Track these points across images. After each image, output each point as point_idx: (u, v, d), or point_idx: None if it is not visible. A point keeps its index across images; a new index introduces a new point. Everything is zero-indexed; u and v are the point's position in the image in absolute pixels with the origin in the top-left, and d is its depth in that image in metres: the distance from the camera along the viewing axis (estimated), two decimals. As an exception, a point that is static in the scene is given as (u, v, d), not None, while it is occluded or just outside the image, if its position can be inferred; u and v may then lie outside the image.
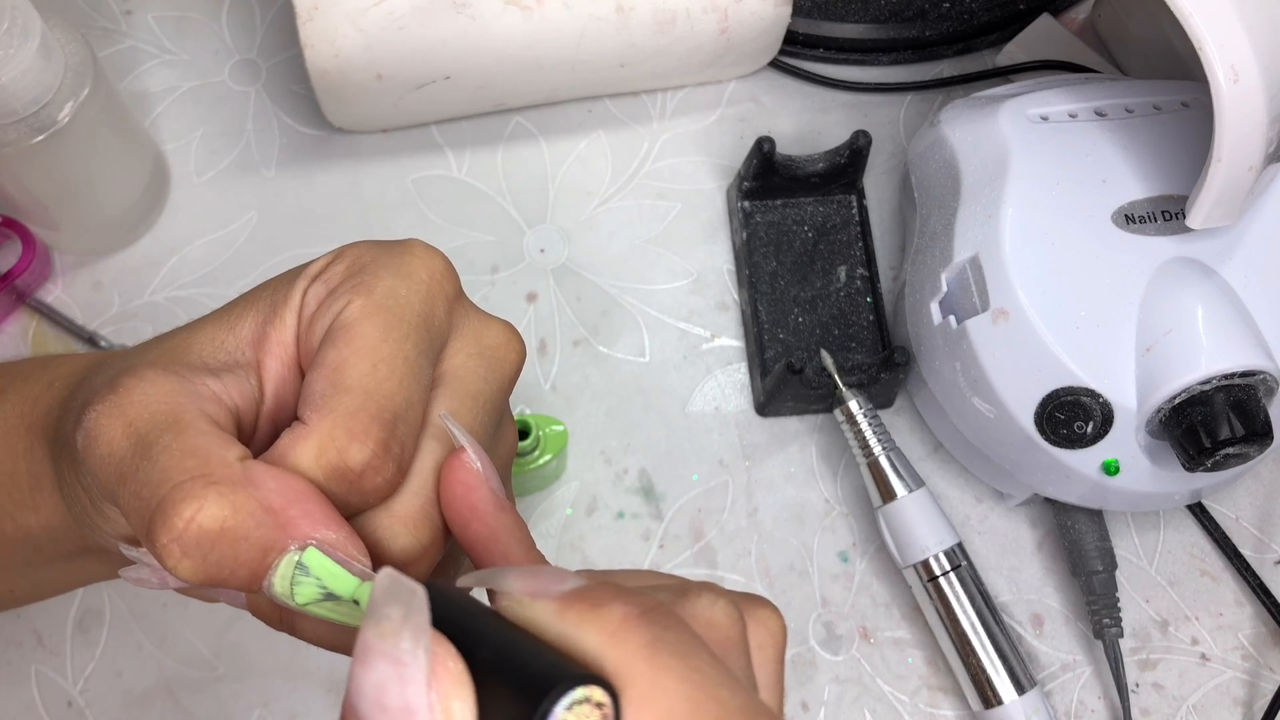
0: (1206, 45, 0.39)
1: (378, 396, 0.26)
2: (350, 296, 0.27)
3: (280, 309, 0.29)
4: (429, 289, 0.29)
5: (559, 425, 0.47)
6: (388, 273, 0.28)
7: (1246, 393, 0.43)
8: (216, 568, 0.25)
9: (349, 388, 0.26)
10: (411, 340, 0.28)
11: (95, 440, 0.27)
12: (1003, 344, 0.45)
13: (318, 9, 0.47)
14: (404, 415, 0.27)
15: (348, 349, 0.27)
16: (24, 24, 0.41)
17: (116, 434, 0.26)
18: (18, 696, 0.47)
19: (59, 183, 0.48)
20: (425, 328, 0.28)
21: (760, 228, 0.54)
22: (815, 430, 0.52)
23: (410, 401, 0.27)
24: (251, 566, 0.25)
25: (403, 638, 0.20)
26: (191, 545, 0.25)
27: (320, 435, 0.26)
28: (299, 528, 0.25)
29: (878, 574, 0.50)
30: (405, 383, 0.27)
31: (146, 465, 0.26)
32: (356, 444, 0.26)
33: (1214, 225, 0.43)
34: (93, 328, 0.52)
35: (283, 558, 0.25)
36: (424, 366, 0.28)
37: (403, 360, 0.27)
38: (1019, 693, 0.46)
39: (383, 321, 0.27)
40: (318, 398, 0.26)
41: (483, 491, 0.27)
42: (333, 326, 0.27)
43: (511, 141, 0.56)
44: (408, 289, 0.28)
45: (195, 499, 0.25)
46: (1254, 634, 0.51)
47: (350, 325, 0.27)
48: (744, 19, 0.52)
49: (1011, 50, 0.58)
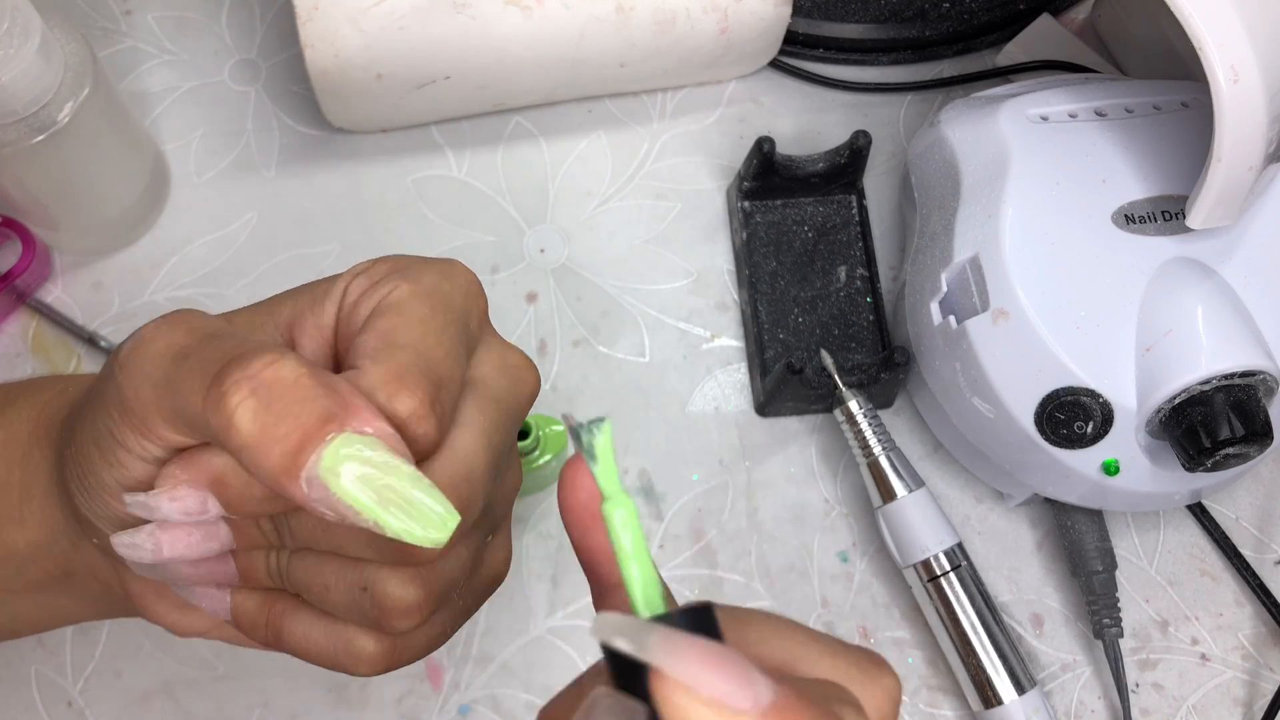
0: (1206, 45, 0.39)
1: (427, 358, 0.28)
2: (397, 283, 0.29)
3: (321, 299, 0.30)
4: (467, 292, 0.30)
5: (559, 425, 0.47)
6: (431, 270, 0.30)
7: (1246, 393, 0.43)
8: (276, 418, 0.25)
9: (401, 345, 0.28)
10: (454, 326, 0.29)
11: (152, 340, 0.27)
12: (1003, 344, 0.45)
13: (318, 9, 0.47)
14: (446, 384, 0.28)
15: (398, 318, 0.28)
16: (24, 24, 0.41)
17: (178, 333, 0.27)
18: (18, 696, 0.47)
19: (59, 183, 0.48)
20: (463, 322, 0.30)
21: (760, 228, 0.54)
22: (815, 430, 0.52)
23: (452, 375, 0.28)
24: (307, 430, 0.25)
25: (714, 676, 0.17)
26: (262, 387, 0.25)
27: (372, 379, 0.27)
28: (361, 413, 0.26)
29: (878, 574, 0.50)
30: (450, 356, 0.28)
31: (215, 344, 0.27)
32: (405, 393, 0.27)
33: (1214, 225, 0.43)
34: (93, 328, 0.52)
35: (339, 435, 0.25)
36: (462, 354, 0.29)
37: (448, 337, 0.29)
38: (1019, 693, 0.46)
39: (429, 304, 0.29)
40: (371, 351, 0.28)
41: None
42: (380, 304, 0.29)
43: (511, 141, 0.56)
44: (450, 286, 0.30)
45: (273, 353, 0.26)
46: (1254, 634, 0.51)
47: (399, 302, 0.29)
48: (744, 19, 0.52)
49: (1011, 50, 0.58)
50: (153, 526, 0.29)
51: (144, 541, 0.29)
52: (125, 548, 0.29)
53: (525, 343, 0.53)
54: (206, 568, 0.30)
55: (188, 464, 0.28)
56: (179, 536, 0.29)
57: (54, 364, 0.51)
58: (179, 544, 0.29)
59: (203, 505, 0.28)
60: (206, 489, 0.28)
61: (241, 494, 0.28)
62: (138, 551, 0.29)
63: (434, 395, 0.27)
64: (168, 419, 0.27)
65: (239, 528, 0.30)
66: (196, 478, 0.28)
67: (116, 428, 0.28)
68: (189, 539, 0.29)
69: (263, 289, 0.52)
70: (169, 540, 0.29)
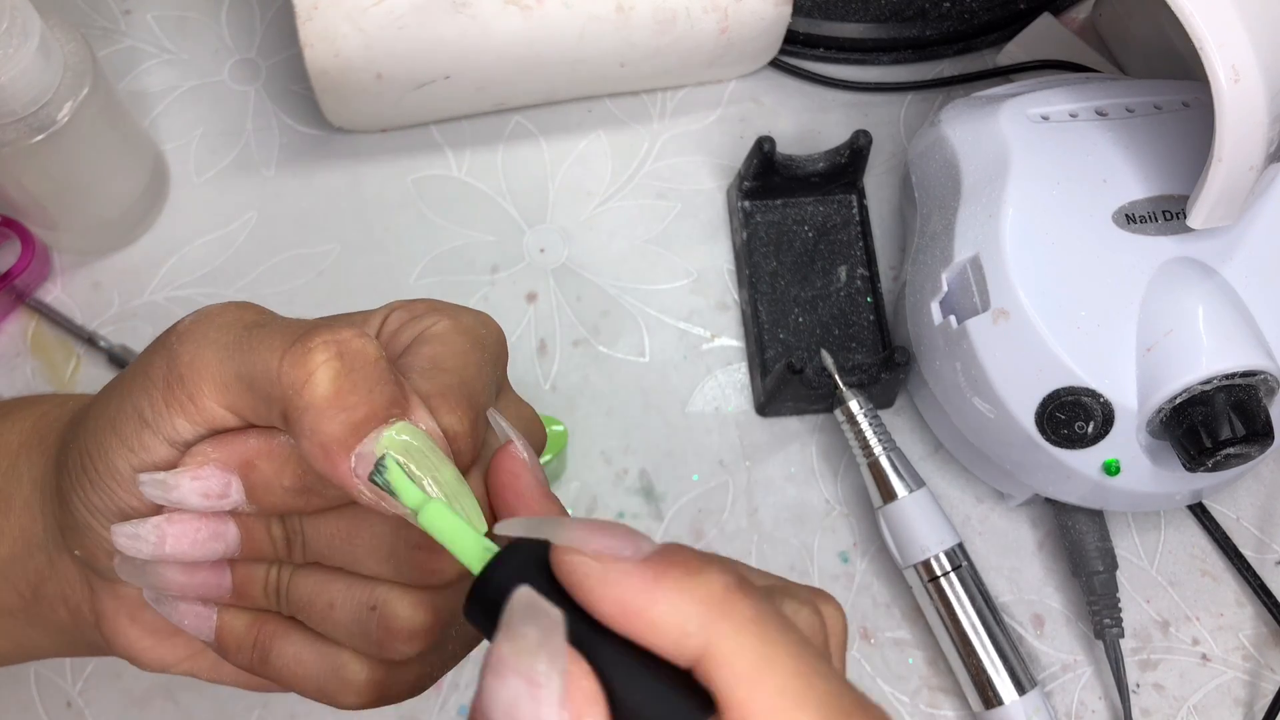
0: (1207, 45, 0.39)
1: (470, 386, 0.28)
2: (439, 318, 0.30)
3: (359, 325, 0.30)
4: (498, 340, 0.31)
5: (559, 425, 0.47)
6: (468, 314, 0.30)
7: (1247, 393, 0.43)
8: (352, 386, 0.25)
9: (447, 370, 0.28)
10: (489, 366, 0.30)
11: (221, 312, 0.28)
12: (1003, 344, 0.45)
13: (317, 9, 0.47)
14: (482, 414, 0.28)
15: (442, 347, 0.29)
16: (23, 24, 0.41)
17: (248, 311, 0.28)
18: (17, 696, 0.47)
19: (58, 183, 0.48)
20: (495, 365, 0.30)
21: (760, 228, 0.54)
22: (815, 430, 0.52)
23: (487, 407, 0.29)
24: (374, 406, 0.25)
25: (539, 659, 0.20)
26: (348, 353, 0.26)
27: (420, 392, 0.27)
28: (419, 410, 0.26)
29: (878, 574, 0.50)
30: (486, 390, 0.29)
31: (289, 319, 0.27)
32: (450, 410, 0.27)
33: (1214, 225, 0.43)
34: (92, 328, 0.52)
35: (400, 421, 0.26)
36: (493, 394, 0.30)
37: (485, 373, 0.29)
38: (1019, 693, 0.46)
39: (470, 340, 0.29)
40: (419, 369, 0.28)
41: (528, 479, 0.27)
42: (423, 334, 0.29)
43: (511, 141, 0.56)
44: (486, 331, 0.30)
45: (358, 329, 0.26)
46: (1254, 634, 0.51)
47: (442, 334, 0.29)
48: (744, 19, 0.52)
49: (1012, 50, 0.58)
50: (160, 518, 0.28)
51: (148, 533, 0.28)
52: (125, 539, 0.28)
53: (525, 343, 0.53)
54: (201, 576, 0.29)
55: (220, 442, 0.28)
56: (185, 530, 0.28)
57: (54, 364, 0.51)
58: (184, 539, 0.28)
59: (225, 488, 0.28)
60: (234, 471, 0.28)
61: (270, 481, 0.28)
62: (137, 544, 0.28)
63: (475, 419, 0.28)
64: (224, 384, 0.27)
65: (249, 530, 0.29)
66: (228, 456, 0.28)
67: (151, 405, 0.27)
68: (195, 534, 0.28)
69: (263, 289, 0.52)
70: (174, 534, 0.28)
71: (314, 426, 0.25)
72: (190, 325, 0.28)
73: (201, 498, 0.28)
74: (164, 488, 0.28)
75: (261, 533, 0.29)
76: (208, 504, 0.28)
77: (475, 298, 0.53)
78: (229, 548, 0.29)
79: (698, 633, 0.20)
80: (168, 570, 0.29)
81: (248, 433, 0.28)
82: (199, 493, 0.28)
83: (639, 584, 0.21)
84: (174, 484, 0.27)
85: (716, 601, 0.20)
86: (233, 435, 0.28)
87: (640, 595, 0.21)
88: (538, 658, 0.20)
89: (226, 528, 0.29)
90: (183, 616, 0.30)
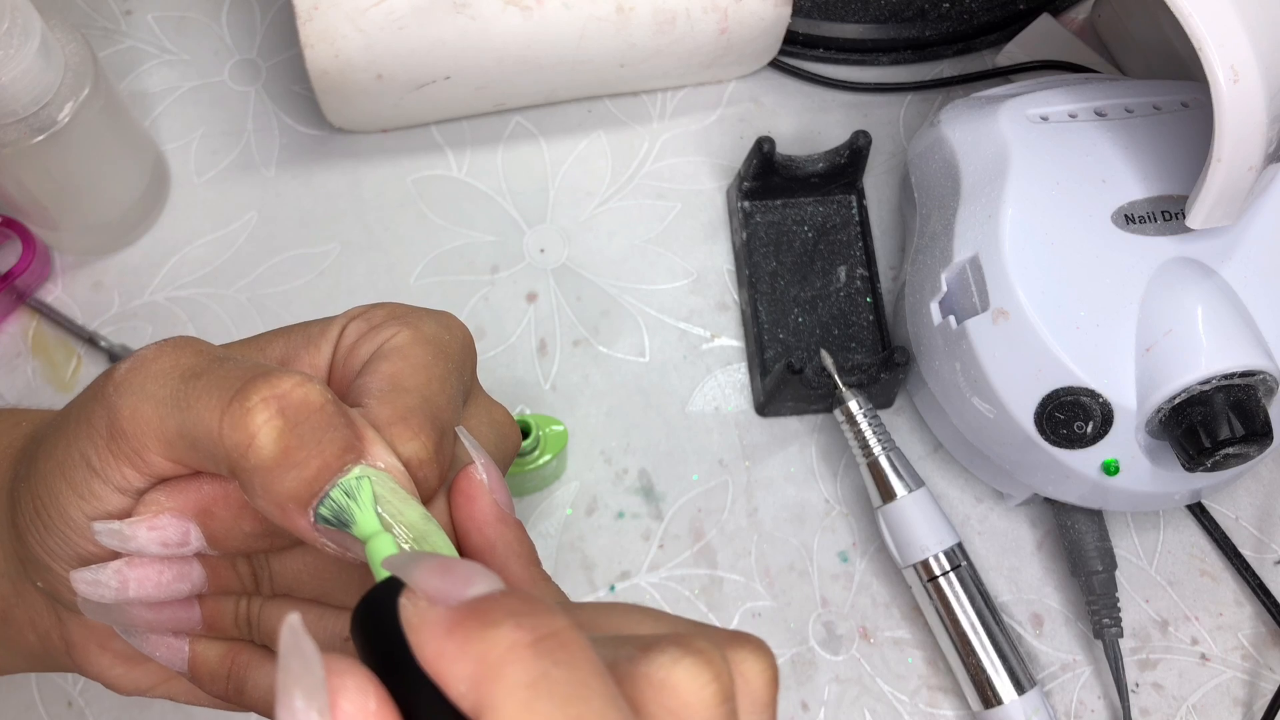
0: (1206, 45, 0.39)
1: (433, 404, 0.27)
2: (398, 328, 0.28)
3: (316, 339, 0.29)
4: (464, 344, 0.29)
5: (559, 425, 0.47)
6: (430, 319, 0.29)
7: (1246, 393, 0.43)
8: (299, 442, 0.24)
9: (408, 389, 0.27)
10: (454, 376, 0.28)
11: (156, 359, 0.26)
12: (1003, 344, 0.45)
13: (318, 9, 0.47)
14: (447, 433, 0.27)
15: (403, 362, 0.27)
16: (24, 24, 0.41)
17: (185, 354, 0.26)
18: (18, 696, 0.47)
19: (59, 183, 0.48)
20: (460, 373, 0.29)
21: (760, 228, 0.54)
22: (815, 430, 0.52)
23: (453, 423, 0.27)
24: (327, 458, 0.24)
25: (295, 696, 0.18)
26: (290, 407, 0.24)
27: (379, 418, 0.26)
28: (375, 448, 0.25)
29: (878, 574, 0.50)
30: (451, 404, 0.28)
31: (230, 364, 0.25)
32: (412, 436, 0.26)
33: (1214, 225, 0.43)
34: (93, 328, 0.52)
35: (356, 466, 0.24)
36: (460, 404, 0.29)
37: (450, 385, 0.28)
38: (1019, 693, 0.46)
39: (431, 351, 0.28)
40: (376, 392, 0.27)
41: (484, 502, 0.26)
42: (383, 348, 0.28)
43: (511, 141, 0.56)
44: (450, 335, 0.29)
45: (299, 377, 0.25)
46: (1254, 634, 0.51)
47: (402, 347, 0.28)
48: (744, 19, 0.52)
49: (1011, 50, 0.58)
50: (120, 562, 0.27)
51: (108, 579, 0.27)
52: (86, 585, 0.27)
53: (525, 343, 0.53)
54: (169, 612, 0.28)
55: (174, 490, 0.27)
56: (148, 574, 0.27)
57: (54, 364, 0.52)
58: (147, 583, 0.27)
59: (184, 537, 0.27)
60: (192, 519, 0.27)
61: (230, 527, 0.27)
62: (99, 590, 0.27)
63: (439, 441, 0.26)
64: (168, 440, 0.25)
65: (214, 569, 0.28)
66: (184, 505, 0.26)
67: (98, 454, 0.26)
68: (159, 578, 0.27)
69: (263, 289, 0.53)
70: (137, 578, 0.27)
71: (265, 488, 0.24)
72: (126, 375, 0.26)
73: (161, 546, 0.27)
74: (120, 538, 0.26)
75: (228, 570, 0.28)
76: (168, 551, 0.27)
77: (475, 298, 0.53)
78: (195, 586, 0.28)
79: (469, 692, 0.19)
80: (133, 609, 0.28)
81: (201, 479, 0.27)
82: (157, 542, 0.26)
83: (437, 633, 0.19)
84: (130, 534, 0.26)
85: (491, 661, 0.18)
86: (186, 482, 0.27)
87: (430, 644, 0.19)
88: (294, 694, 0.18)
89: (191, 568, 0.28)
90: (154, 648, 0.29)
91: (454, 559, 0.21)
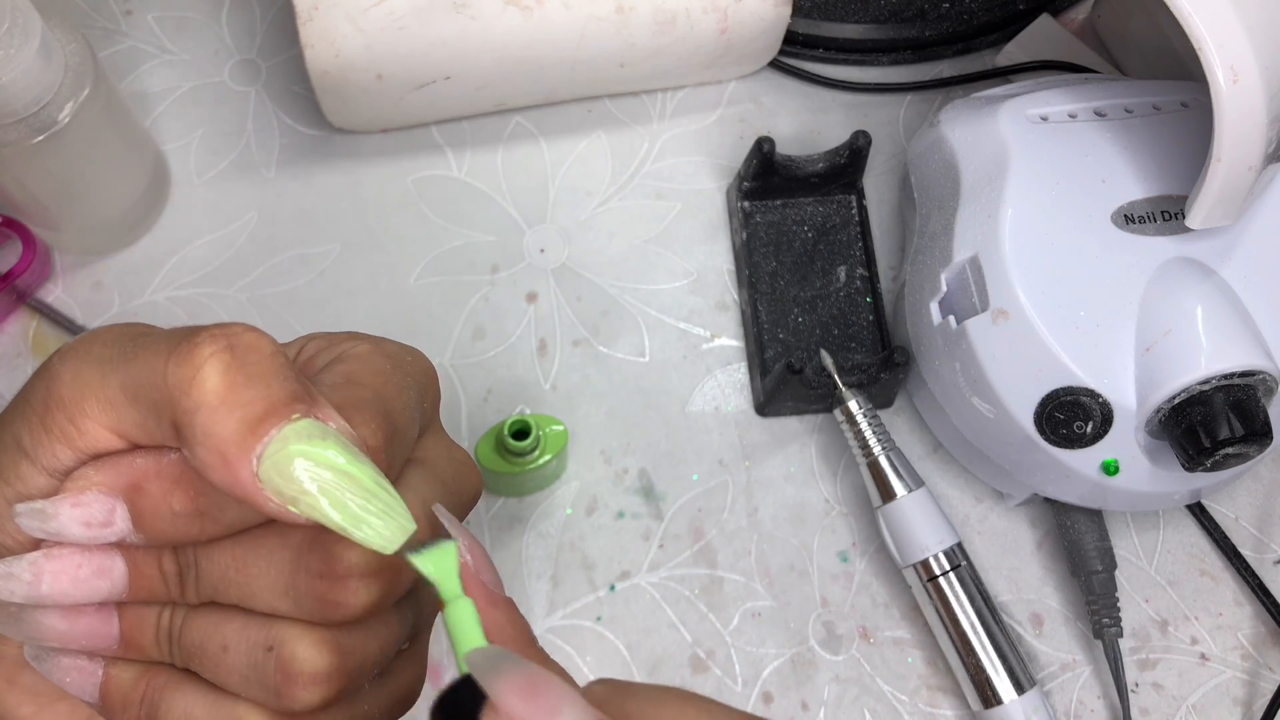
0: (1206, 45, 0.39)
1: (387, 402, 0.26)
2: (358, 341, 0.28)
3: None
4: (425, 370, 0.29)
5: (559, 425, 0.47)
6: (391, 341, 0.29)
7: (1246, 393, 0.43)
8: (247, 379, 0.23)
9: (362, 384, 0.26)
10: (412, 390, 0.28)
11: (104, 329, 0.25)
12: (1002, 344, 0.45)
13: (318, 9, 0.47)
14: (400, 433, 0.27)
15: (360, 365, 0.27)
16: (24, 24, 0.41)
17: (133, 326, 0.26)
18: (18, 696, 0.47)
19: (59, 183, 0.48)
20: (419, 392, 0.28)
21: (760, 228, 0.54)
22: (815, 430, 0.52)
23: (406, 429, 0.27)
24: (273, 401, 0.23)
25: None
26: (239, 346, 0.23)
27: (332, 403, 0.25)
28: (326, 408, 0.24)
29: (877, 574, 0.51)
30: (406, 410, 0.27)
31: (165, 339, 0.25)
32: (362, 423, 0.25)
33: (1214, 225, 0.43)
34: (93, 328, 0.52)
35: (304, 419, 0.23)
36: (416, 416, 0.28)
37: (406, 394, 0.27)
38: (1019, 692, 0.46)
39: (391, 362, 0.28)
40: (329, 385, 0.26)
41: (471, 588, 0.25)
42: (341, 354, 0.28)
43: (511, 141, 0.56)
44: (412, 358, 0.29)
45: (248, 327, 0.24)
46: (1253, 634, 0.51)
47: (361, 354, 0.27)
48: (744, 19, 0.52)
49: (1011, 50, 0.58)
50: (37, 554, 0.25)
51: (22, 571, 0.25)
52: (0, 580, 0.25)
53: (525, 343, 0.53)
54: (85, 623, 0.26)
55: (105, 465, 0.25)
56: (65, 566, 0.25)
57: (54, 364, 0.52)
58: (64, 576, 0.25)
59: (109, 515, 0.25)
60: (119, 496, 0.25)
61: (159, 505, 0.25)
62: (11, 583, 0.25)
63: (390, 436, 0.26)
64: (108, 399, 0.25)
65: (137, 566, 0.26)
66: (112, 480, 0.25)
67: (30, 433, 0.25)
68: (77, 571, 0.25)
69: (263, 289, 0.53)
70: (53, 571, 0.25)
71: (206, 429, 0.23)
72: (74, 344, 0.25)
73: (83, 527, 0.25)
74: (41, 517, 0.25)
75: (151, 567, 0.27)
76: (90, 534, 0.25)
77: (475, 298, 0.53)
78: (115, 586, 0.26)
79: None
80: (46, 617, 0.26)
81: (134, 453, 0.26)
82: (80, 521, 0.25)
83: None
84: (52, 512, 0.25)
85: None
86: (117, 457, 0.26)
87: None
88: None
89: (113, 562, 0.26)
90: (65, 673, 0.27)
91: (541, 674, 0.21)
